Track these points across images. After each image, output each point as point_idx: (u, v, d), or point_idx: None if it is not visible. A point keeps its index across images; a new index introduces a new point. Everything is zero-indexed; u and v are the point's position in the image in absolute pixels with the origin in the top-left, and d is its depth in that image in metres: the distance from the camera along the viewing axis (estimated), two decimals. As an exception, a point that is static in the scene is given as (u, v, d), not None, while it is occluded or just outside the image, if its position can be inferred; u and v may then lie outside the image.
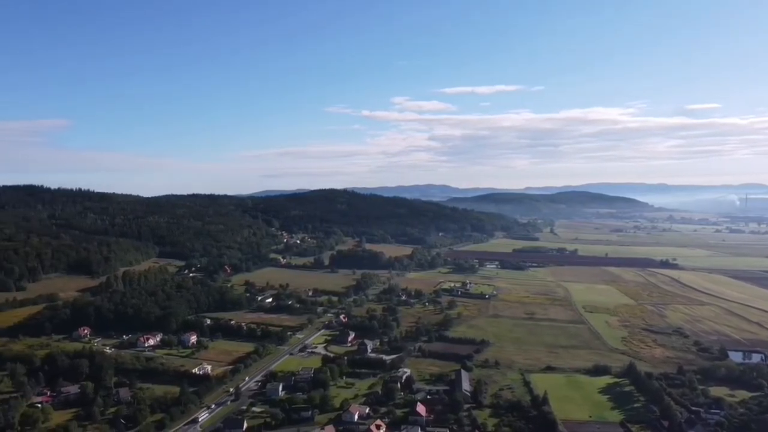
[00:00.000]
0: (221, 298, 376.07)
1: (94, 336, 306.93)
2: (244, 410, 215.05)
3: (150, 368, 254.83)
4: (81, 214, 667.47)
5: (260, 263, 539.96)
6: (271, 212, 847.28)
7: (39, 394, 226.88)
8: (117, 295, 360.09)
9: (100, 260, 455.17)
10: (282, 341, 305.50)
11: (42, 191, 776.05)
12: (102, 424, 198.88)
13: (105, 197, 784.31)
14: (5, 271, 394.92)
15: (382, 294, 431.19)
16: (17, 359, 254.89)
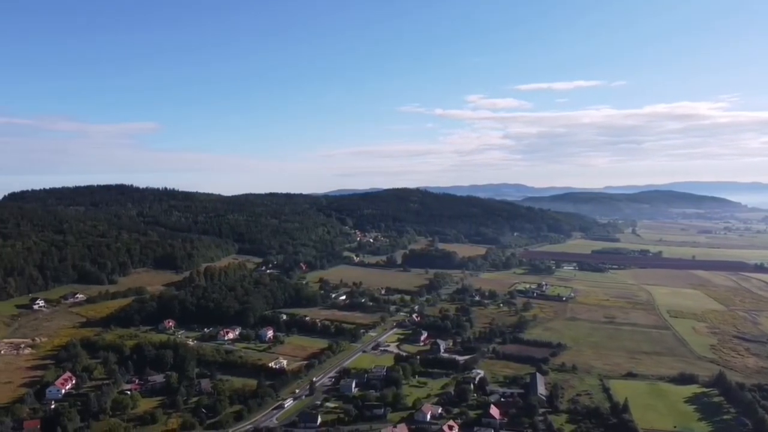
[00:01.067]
0: (296, 295, 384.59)
1: (178, 328, 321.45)
2: (318, 405, 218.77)
3: (229, 361, 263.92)
4: (167, 212, 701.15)
5: (334, 261, 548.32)
6: (344, 211, 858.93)
7: (128, 381, 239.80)
8: (199, 290, 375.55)
9: (184, 256, 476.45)
10: (355, 338, 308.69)
11: (132, 190, 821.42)
12: (185, 412, 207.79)
13: (189, 196, 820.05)
14: (99, 265, 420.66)
15: (455, 294, 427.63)
16: (109, 348, 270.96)
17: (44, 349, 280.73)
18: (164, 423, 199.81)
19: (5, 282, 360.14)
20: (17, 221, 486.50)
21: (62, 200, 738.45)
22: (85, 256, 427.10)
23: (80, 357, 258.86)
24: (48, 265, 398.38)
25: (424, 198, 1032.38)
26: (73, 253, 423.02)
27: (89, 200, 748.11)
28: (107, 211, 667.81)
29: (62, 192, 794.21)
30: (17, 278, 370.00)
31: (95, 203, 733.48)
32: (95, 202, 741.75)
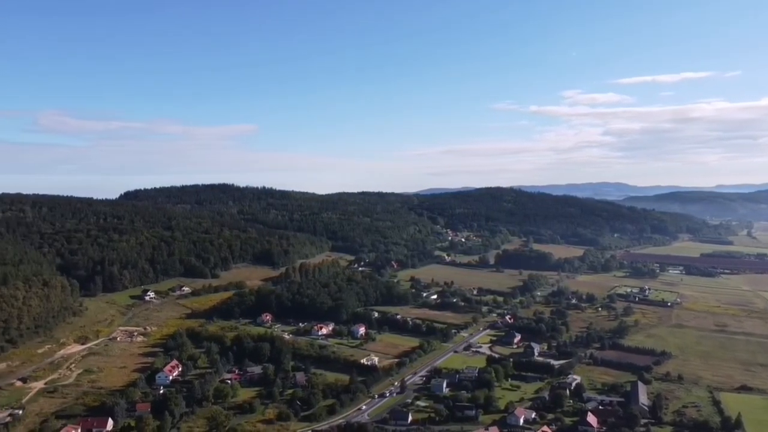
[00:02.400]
0: (388, 293, 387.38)
1: (275, 322, 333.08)
2: (409, 403, 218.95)
3: (323, 356, 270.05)
4: (265, 210, 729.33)
5: (425, 260, 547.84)
6: (436, 210, 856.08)
7: (229, 371, 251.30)
8: (294, 286, 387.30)
9: (281, 252, 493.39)
10: (446, 338, 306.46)
11: (233, 189, 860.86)
12: (280, 404, 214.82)
13: (285, 194, 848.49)
14: (203, 260, 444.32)
15: (551, 296, 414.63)
16: (212, 339, 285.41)
17: (154, 338, 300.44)
18: (261, 413, 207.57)
19: (121, 274, 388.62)
20: (131, 218, 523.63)
21: (171, 198, 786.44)
22: (190, 251, 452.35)
23: (186, 346, 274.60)
24: (158, 259, 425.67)
25: (518, 197, 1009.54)
26: (180, 249, 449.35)
27: (194, 198, 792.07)
28: (211, 209, 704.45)
29: (171, 191, 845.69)
30: (131, 271, 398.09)
31: (200, 201, 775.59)
32: (200, 200, 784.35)
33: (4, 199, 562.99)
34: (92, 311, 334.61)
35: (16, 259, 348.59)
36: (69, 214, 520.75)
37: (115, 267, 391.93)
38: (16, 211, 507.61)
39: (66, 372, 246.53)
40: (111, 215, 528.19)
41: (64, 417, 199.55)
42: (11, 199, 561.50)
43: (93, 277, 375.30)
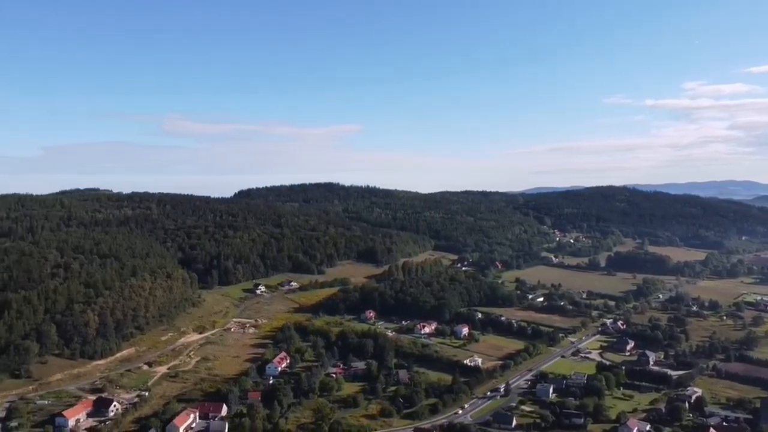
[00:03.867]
0: (492, 294, 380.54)
1: (378, 319, 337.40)
2: (513, 407, 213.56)
3: (425, 354, 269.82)
4: (368, 208, 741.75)
5: (531, 261, 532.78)
6: (542, 209, 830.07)
7: (333, 365, 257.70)
8: (397, 284, 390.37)
9: (384, 250, 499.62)
10: (553, 342, 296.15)
11: (338, 188, 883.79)
12: (383, 400, 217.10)
13: (389, 193, 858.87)
14: (310, 256, 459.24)
15: (668, 302, 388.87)
16: (318, 333, 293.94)
17: (264, 330, 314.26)
18: (365, 408, 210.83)
19: (234, 269, 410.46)
20: (245, 216, 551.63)
21: (280, 197, 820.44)
22: (298, 248, 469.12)
23: (293, 339, 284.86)
24: (268, 255, 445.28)
25: (632, 196, 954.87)
26: (288, 245, 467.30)
27: (302, 197, 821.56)
28: (317, 207, 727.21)
29: (280, 189, 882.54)
30: (244, 266, 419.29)
31: (307, 200, 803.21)
32: (307, 198, 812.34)
33: (134, 198, 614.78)
34: (209, 303, 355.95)
35: (144, 252, 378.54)
36: (189, 212, 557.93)
37: (230, 262, 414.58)
38: (144, 209, 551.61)
39: (186, 359, 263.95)
40: (226, 213, 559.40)
41: (184, 400, 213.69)
42: (140, 198, 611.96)
43: (210, 271, 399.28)
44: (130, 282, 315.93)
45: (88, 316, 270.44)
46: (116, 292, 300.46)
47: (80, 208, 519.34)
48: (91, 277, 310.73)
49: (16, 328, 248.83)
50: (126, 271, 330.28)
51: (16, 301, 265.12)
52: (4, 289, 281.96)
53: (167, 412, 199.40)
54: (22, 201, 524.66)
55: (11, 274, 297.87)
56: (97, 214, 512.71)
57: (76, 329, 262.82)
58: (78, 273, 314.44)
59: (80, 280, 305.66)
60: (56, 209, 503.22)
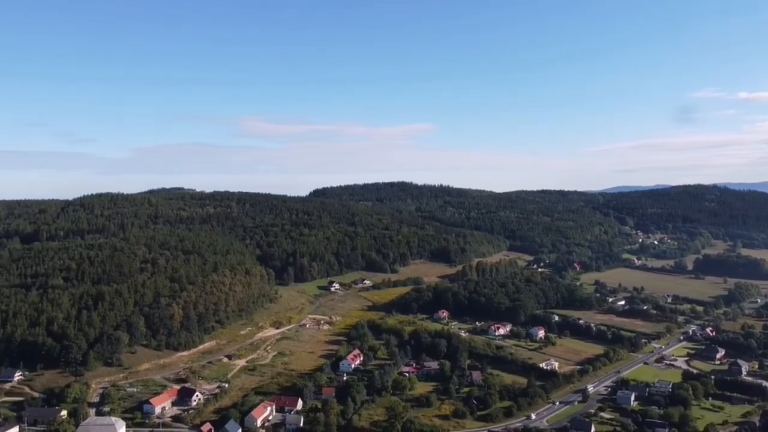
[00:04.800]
0: (569, 296, 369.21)
1: (451, 319, 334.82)
2: (592, 414, 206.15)
3: (499, 356, 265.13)
4: (441, 207, 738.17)
5: (611, 263, 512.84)
6: (623, 209, 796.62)
7: (406, 364, 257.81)
8: (471, 284, 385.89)
9: (457, 250, 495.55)
10: (635, 348, 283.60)
11: (411, 187, 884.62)
12: (457, 401, 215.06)
13: (462, 192, 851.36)
14: (383, 255, 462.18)
15: (763, 308, 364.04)
16: (391, 332, 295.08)
17: (338, 327, 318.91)
18: (438, 408, 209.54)
19: (310, 266, 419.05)
20: (319, 214, 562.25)
21: (354, 196, 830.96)
22: (371, 246, 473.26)
23: (367, 337, 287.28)
24: (342, 253, 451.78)
25: (722, 196, 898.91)
26: (362, 244, 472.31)
27: (375, 196, 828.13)
28: (390, 206, 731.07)
29: (354, 188, 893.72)
30: (319, 263, 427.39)
31: (380, 199, 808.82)
32: (380, 197, 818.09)
33: (215, 196, 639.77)
34: (285, 299, 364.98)
35: (224, 249, 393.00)
36: (267, 210, 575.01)
37: (305, 259, 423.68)
38: (225, 207, 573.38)
39: (263, 353, 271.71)
40: (302, 211, 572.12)
41: (261, 393, 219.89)
42: (221, 197, 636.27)
43: (286, 268, 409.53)
44: (211, 277, 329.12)
45: (173, 309, 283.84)
46: (199, 287, 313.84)
47: (166, 207, 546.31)
48: (175, 272, 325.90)
49: (109, 319, 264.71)
50: (208, 266, 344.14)
51: (108, 294, 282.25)
52: (98, 282, 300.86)
53: (246, 403, 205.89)
54: (114, 200, 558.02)
55: (104, 268, 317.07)
56: (182, 212, 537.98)
57: (162, 321, 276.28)
58: (164, 268, 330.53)
59: (166, 274, 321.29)
60: (144, 207, 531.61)
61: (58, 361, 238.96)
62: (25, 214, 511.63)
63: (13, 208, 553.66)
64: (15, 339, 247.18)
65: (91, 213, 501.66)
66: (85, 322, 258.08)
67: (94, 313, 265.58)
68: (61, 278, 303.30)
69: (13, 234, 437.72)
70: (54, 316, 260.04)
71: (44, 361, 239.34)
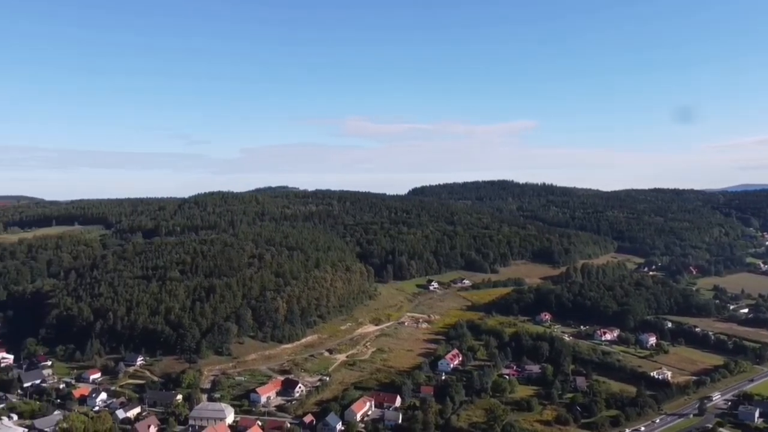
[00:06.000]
0: (684, 302, 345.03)
1: (554, 322, 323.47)
2: (709, 428, 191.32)
3: (605, 362, 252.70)
4: (544, 207, 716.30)
5: (733, 267, 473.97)
6: (748, 209, 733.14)
7: (506, 367, 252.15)
8: (575, 286, 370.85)
9: (561, 251, 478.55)
10: (760, 360, 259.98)
11: (512, 185, 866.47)
12: (559, 406, 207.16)
13: (566, 191, 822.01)
14: (482, 255, 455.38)
15: None
16: (490, 333, 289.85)
17: (437, 326, 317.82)
18: (539, 413, 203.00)
19: (408, 264, 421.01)
20: (418, 213, 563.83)
21: (453, 195, 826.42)
22: (470, 245, 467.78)
23: (466, 337, 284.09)
24: (441, 252, 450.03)
25: None
26: (461, 243, 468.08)
27: (475, 195, 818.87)
28: (490, 205, 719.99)
29: (453, 187, 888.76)
30: (417, 262, 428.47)
31: (480, 198, 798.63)
32: (480, 196, 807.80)
33: (317, 195, 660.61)
34: (384, 296, 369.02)
35: (326, 246, 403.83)
36: (366, 208, 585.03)
37: (404, 257, 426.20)
38: (326, 205, 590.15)
39: (362, 349, 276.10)
40: (401, 210, 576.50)
41: (361, 388, 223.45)
42: (322, 195, 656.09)
43: (385, 266, 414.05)
44: (313, 273, 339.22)
45: (278, 303, 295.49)
46: (302, 282, 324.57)
47: (272, 204, 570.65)
48: (280, 267, 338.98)
49: (220, 311, 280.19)
50: (310, 262, 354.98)
51: (219, 287, 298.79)
52: (210, 276, 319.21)
53: (345, 397, 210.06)
54: (224, 198, 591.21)
55: (216, 262, 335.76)
56: (286, 209, 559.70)
57: (268, 314, 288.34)
58: (269, 263, 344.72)
59: (271, 269, 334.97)
60: (252, 205, 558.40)
61: (175, 348, 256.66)
62: (146, 211, 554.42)
63: (137, 206, 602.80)
64: (138, 326, 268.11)
65: (204, 210, 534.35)
66: (198, 313, 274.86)
67: (206, 305, 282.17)
68: (178, 271, 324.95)
69: (137, 229, 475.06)
70: (171, 306, 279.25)
71: (162, 348, 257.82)
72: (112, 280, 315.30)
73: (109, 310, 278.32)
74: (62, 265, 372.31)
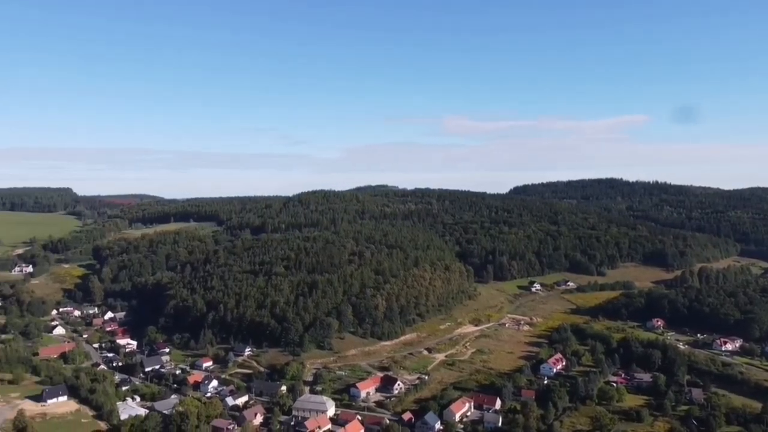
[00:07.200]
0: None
1: (667, 329, 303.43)
2: None
3: (726, 374, 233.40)
4: (657, 206, 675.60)
5: None
6: None
7: (614, 374, 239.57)
8: (692, 292, 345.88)
9: (675, 254, 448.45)
10: None
11: (621, 184, 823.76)
12: (672, 419, 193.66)
13: (681, 190, 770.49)
14: (588, 256, 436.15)
15: None
16: (596, 338, 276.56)
17: (539, 329, 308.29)
18: (650, 424, 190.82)
19: (509, 265, 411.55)
20: (519, 212, 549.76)
21: (557, 193, 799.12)
22: (575, 246, 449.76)
23: (570, 341, 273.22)
24: (544, 253, 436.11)
25: None
26: (565, 243, 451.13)
27: (580, 194, 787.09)
28: (597, 205, 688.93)
29: (557, 186, 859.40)
30: (519, 262, 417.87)
31: (586, 196, 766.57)
32: (586, 195, 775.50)
33: (416, 193, 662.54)
34: (484, 297, 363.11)
35: (425, 245, 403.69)
36: (466, 207, 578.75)
37: (505, 257, 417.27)
38: (425, 204, 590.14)
39: (462, 349, 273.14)
40: (501, 209, 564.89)
41: (459, 389, 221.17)
42: (421, 194, 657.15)
43: (485, 266, 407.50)
44: (412, 271, 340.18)
45: (377, 300, 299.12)
46: (401, 280, 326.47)
47: (371, 203, 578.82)
48: (380, 264, 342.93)
49: (321, 306, 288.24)
50: (409, 261, 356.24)
51: (321, 283, 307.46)
52: (313, 272, 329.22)
53: (444, 397, 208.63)
54: (326, 196, 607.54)
55: (318, 259, 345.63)
56: (385, 208, 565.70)
57: (367, 311, 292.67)
58: (369, 261, 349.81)
59: (371, 267, 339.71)
60: (353, 203, 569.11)
61: (279, 340, 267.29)
62: (254, 209, 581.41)
63: (245, 204, 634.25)
64: (246, 318, 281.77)
65: (307, 208, 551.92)
66: (301, 307, 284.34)
67: (309, 300, 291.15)
68: (282, 266, 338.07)
69: (245, 226, 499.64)
70: (276, 300, 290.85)
71: (268, 340, 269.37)
72: (223, 274, 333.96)
73: (220, 302, 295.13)
74: (179, 259, 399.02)
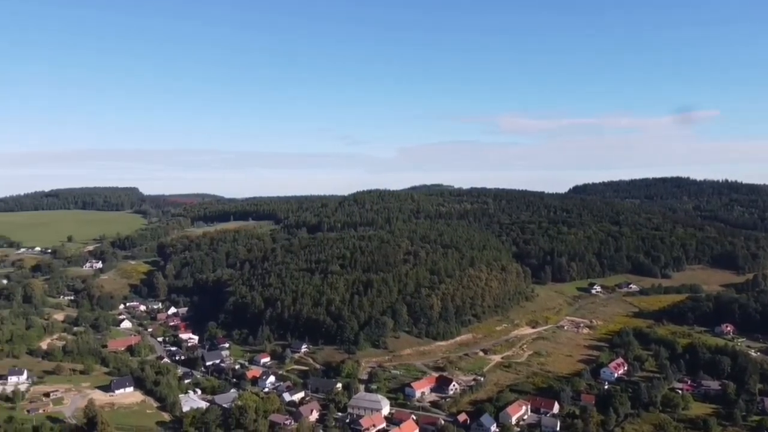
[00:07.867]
0: None
1: (737, 335, 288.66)
2: None
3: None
4: (727, 206, 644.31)
5: None
6: None
7: (679, 380, 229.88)
8: (764, 296, 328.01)
9: (747, 256, 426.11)
10: None
11: (687, 183, 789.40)
12: (742, 429, 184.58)
13: (754, 189, 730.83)
14: (652, 258, 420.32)
15: None
16: (660, 342, 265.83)
17: (599, 332, 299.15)
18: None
19: (568, 266, 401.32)
20: (579, 212, 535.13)
21: (618, 193, 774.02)
22: (638, 247, 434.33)
23: (632, 345, 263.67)
24: (604, 254, 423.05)
25: None
26: (627, 244, 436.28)
27: (644, 193, 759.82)
28: (661, 204, 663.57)
29: (618, 185, 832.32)
30: (578, 263, 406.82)
31: (649, 196, 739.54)
32: (650, 194, 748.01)
33: (472, 193, 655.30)
34: (542, 298, 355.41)
35: (481, 245, 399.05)
36: (523, 207, 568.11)
37: (564, 258, 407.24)
38: (481, 203, 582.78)
39: (518, 351, 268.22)
40: (560, 209, 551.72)
41: (516, 391, 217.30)
42: (477, 193, 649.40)
43: (543, 267, 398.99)
44: (468, 272, 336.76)
45: (433, 300, 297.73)
46: (456, 280, 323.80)
47: (426, 202, 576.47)
48: (435, 264, 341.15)
49: (376, 305, 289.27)
50: (465, 261, 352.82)
51: (376, 282, 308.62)
52: (368, 270, 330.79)
53: (500, 399, 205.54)
54: (381, 195, 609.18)
55: (373, 258, 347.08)
56: (441, 207, 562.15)
57: (422, 311, 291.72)
58: (424, 260, 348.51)
59: (426, 266, 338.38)
60: (408, 203, 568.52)
61: (335, 338, 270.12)
62: (311, 208, 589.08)
63: (302, 203, 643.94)
64: (302, 315, 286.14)
65: (362, 207, 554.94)
66: (356, 306, 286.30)
67: (364, 298, 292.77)
68: (338, 265, 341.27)
69: (302, 225, 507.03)
70: (332, 299, 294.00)
71: (324, 337, 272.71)
72: (280, 272, 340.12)
73: (278, 299, 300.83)
74: (238, 257, 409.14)
